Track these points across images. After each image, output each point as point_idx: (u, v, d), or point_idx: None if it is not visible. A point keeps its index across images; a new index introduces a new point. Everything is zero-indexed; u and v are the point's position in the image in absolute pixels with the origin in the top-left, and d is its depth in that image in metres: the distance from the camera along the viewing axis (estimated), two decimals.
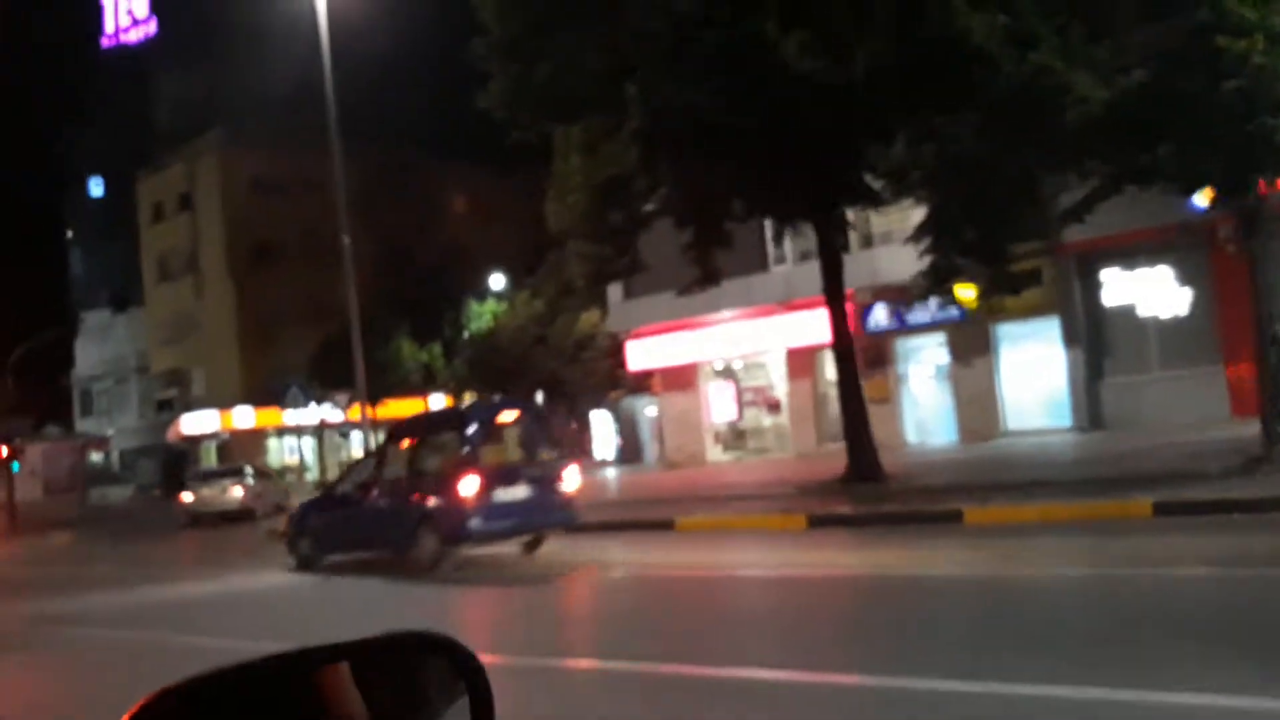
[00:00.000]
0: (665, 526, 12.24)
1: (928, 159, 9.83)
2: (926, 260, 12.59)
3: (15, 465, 35.03)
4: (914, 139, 10.16)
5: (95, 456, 50.17)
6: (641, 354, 26.87)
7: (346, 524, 11.61)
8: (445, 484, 10.38)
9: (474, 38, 11.46)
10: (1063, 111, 9.94)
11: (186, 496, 24.76)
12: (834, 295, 12.84)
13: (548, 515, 10.74)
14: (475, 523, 10.18)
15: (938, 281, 13.14)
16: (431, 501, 10.49)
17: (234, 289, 44.26)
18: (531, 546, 10.90)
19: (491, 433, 11.28)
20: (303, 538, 12.11)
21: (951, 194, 10.97)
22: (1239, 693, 3.79)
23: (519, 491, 10.59)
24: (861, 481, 12.69)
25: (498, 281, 40.65)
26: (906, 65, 9.69)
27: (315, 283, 44.20)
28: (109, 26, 58.64)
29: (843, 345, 13.30)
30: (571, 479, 11.07)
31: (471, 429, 11.03)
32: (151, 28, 56.80)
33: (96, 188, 58.58)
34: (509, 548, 10.85)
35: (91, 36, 58.25)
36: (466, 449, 10.67)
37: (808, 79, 9.37)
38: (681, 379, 25.85)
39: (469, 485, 10.17)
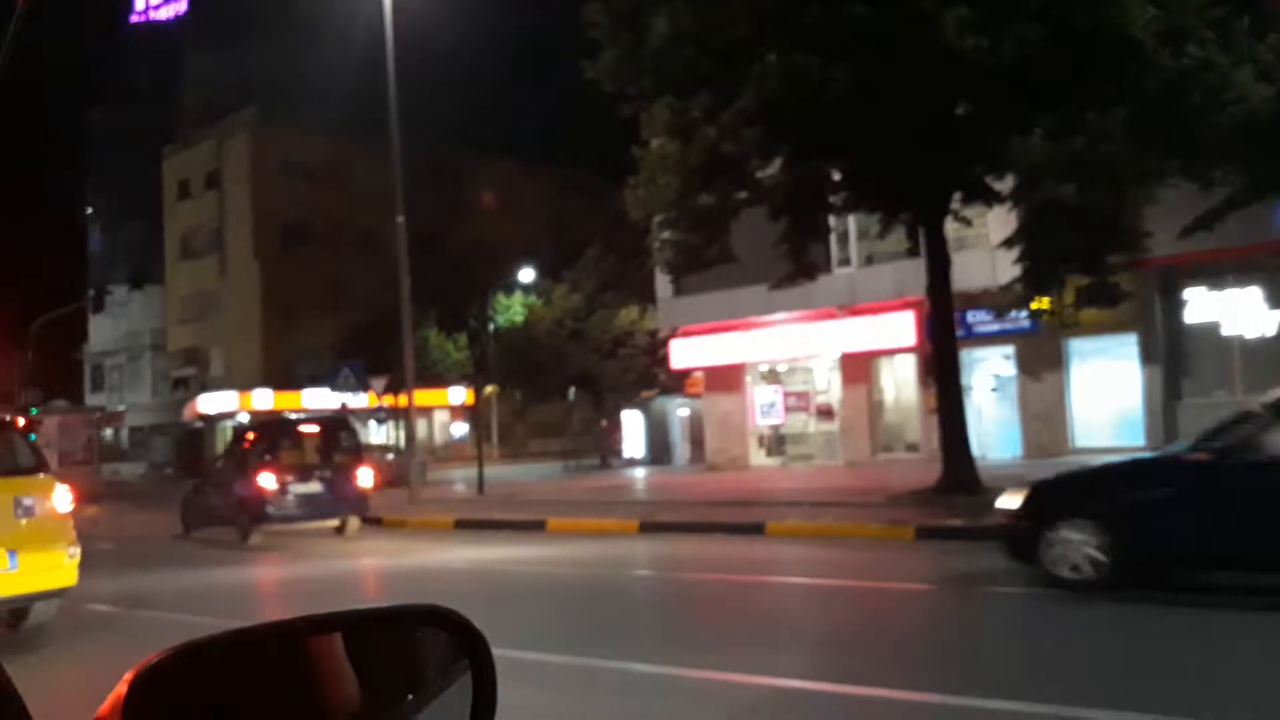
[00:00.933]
0: (754, 530, 11.57)
1: (1064, 156, 9.18)
2: (1015, 268, 11.96)
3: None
4: (1052, 134, 9.52)
5: (105, 432, 49.56)
6: (685, 353, 26.25)
7: (205, 504, 14.58)
8: (252, 478, 13.46)
9: (588, 3, 10.79)
10: (1220, 110, 9.30)
11: None
12: (940, 297, 12.17)
13: (338, 506, 13.82)
14: (270, 509, 13.48)
15: (1037, 289, 12.49)
16: (244, 490, 13.54)
17: (259, 270, 43.66)
18: (339, 529, 13.82)
19: (296, 440, 14.57)
20: (187, 513, 15.00)
21: (1064, 197, 10.32)
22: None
23: (312, 486, 13.77)
24: (959, 493, 12.02)
25: (526, 275, 40.12)
26: (1055, 54, 9.06)
27: (339, 270, 43.75)
28: (139, 3, 58.18)
29: (946, 351, 12.62)
30: (365, 478, 14.38)
31: (275, 436, 14.56)
32: (182, 5, 56.38)
33: (118, 164, 58.06)
34: (325, 529, 13.83)
35: (119, 13, 57.87)
36: (269, 452, 14.00)
37: (957, 59, 8.75)
38: (726, 380, 25.21)
39: (267, 480, 13.45)
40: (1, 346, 33.90)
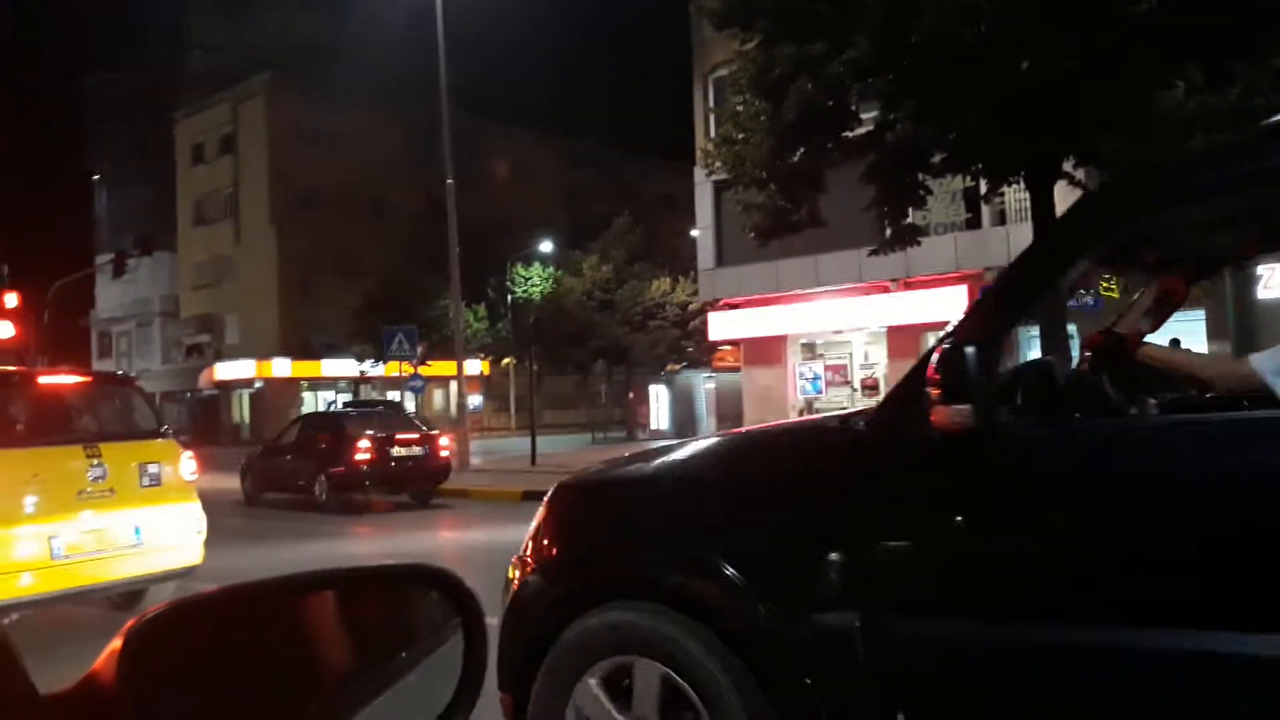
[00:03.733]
0: None
1: (1220, 109, 8.66)
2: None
3: None
4: (1197, 87, 8.97)
5: None
6: (724, 325, 25.79)
7: (278, 470, 14.83)
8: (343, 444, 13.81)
9: None
10: None
11: None
12: None
13: (425, 477, 14.21)
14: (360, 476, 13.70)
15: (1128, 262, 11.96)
16: (332, 456, 13.80)
17: (275, 236, 43.00)
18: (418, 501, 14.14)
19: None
20: (246, 478, 15.32)
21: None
22: None
23: (402, 452, 14.00)
24: None
25: (546, 246, 39.55)
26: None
27: (354, 238, 43.14)
28: None
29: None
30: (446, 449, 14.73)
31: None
32: None
33: (125, 130, 57.04)
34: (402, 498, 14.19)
35: None
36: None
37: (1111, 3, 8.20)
38: (767, 353, 24.76)
39: (362, 446, 13.62)
40: (17, 313, 33.35)
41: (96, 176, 59.33)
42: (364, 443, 13.60)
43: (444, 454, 14.48)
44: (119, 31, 54.19)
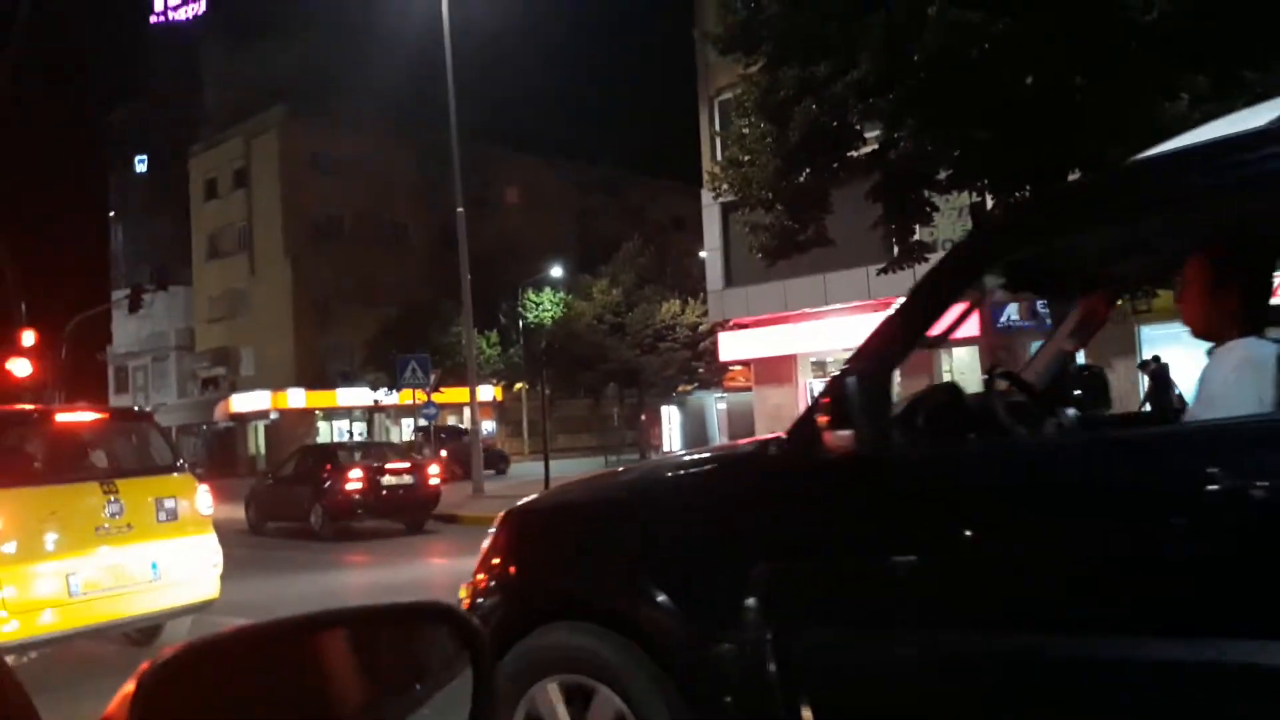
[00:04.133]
0: None
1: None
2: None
3: None
4: (1202, 97, 8.96)
5: None
6: (734, 345, 25.80)
7: (279, 499, 15.17)
8: (337, 474, 14.29)
9: None
10: None
11: None
12: None
13: (415, 507, 14.70)
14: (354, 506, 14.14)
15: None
16: (328, 486, 14.22)
17: (290, 267, 43.34)
18: (411, 528, 14.49)
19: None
20: (250, 508, 15.74)
21: None
22: None
23: (392, 482, 14.49)
24: None
25: (556, 271, 39.73)
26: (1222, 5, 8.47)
27: (369, 266, 43.48)
28: (158, 4, 57.95)
29: None
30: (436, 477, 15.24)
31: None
32: (200, 6, 56.14)
33: (141, 165, 57.78)
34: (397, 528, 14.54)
35: (139, 14, 57.62)
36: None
37: (1119, 10, 8.20)
38: (777, 372, 24.74)
39: (354, 475, 14.14)
40: (35, 350, 33.70)
41: (112, 214, 60.11)
42: (355, 472, 14.22)
43: (433, 482, 15.03)
44: (134, 68, 54.97)
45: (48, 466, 5.93)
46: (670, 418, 31.03)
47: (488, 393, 40.63)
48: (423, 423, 22.17)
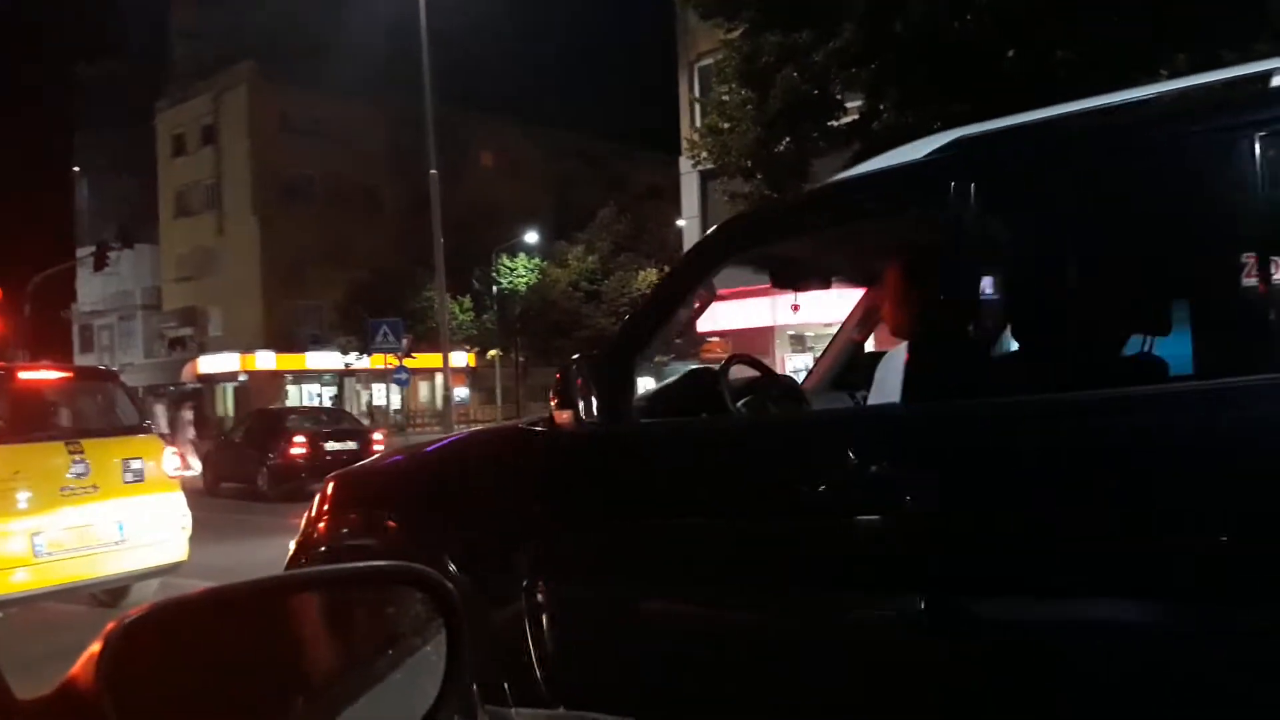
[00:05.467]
0: None
1: None
2: None
3: None
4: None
5: None
6: (710, 316, 25.79)
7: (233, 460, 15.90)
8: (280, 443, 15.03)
9: None
10: None
11: None
12: None
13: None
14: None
15: None
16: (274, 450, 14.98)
17: (258, 228, 42.66)
18: None
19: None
20: (206, 468, 16.51)
21: None
22: None
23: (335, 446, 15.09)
24: None
25: (531, 237, 39.43)
26: None
27: (340, 228, 42.88)
28: None
29: None
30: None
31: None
32: None
33: (107, 120, 56.44)
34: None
35: None
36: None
37: None
38: (754, 345, 24.72)
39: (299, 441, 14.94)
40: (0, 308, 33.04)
41: (77, 169, 58.74)
42: (299, 438, 14.99)
43: (377, 449, 15.47)
44: (100, 21, 53.52)
45: (11, 425, 5.82)
46: (645, 388, 31.05)
47: (461, 359, 40.41)
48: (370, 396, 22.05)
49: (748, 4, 10.37)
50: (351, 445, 15.20)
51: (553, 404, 2.61)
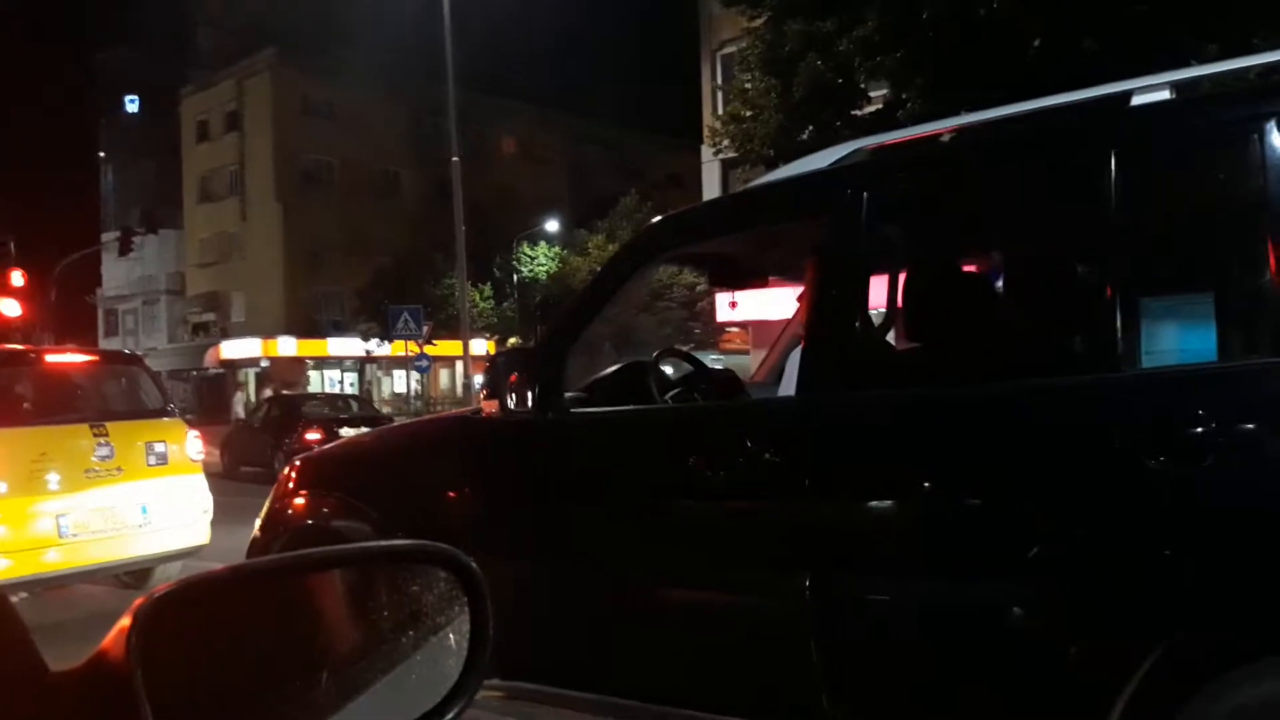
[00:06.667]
0: None
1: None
2: None
3: None
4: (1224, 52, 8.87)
5: None
6: (729, 305, 25.73)
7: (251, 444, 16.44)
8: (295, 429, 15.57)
9: None
10: None
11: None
12: None
13: None
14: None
15: None
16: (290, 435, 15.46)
17: (281, 214, 42.89)
18: None
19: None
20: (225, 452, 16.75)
21: None
22: None
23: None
24: None
25: (552, 225, 39.42)
26: None
27: (361, 214, 43.05)
28: None
29: None
30: None
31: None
32: None
33: (132, 105, 56.82)
34: None
35: None
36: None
37: None
38: (773, 335, 24.68)
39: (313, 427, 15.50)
40: (24, 291, 33.43)
41: (102, 154, 59.23)
42: (314, 424, 15.68)
43: None
44: (125, 7, 53.78)
45: (37, 407, 5.89)
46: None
47: (481, 346, 40.54)
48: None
49: None
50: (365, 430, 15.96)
51: (481, 395, 2.87)
